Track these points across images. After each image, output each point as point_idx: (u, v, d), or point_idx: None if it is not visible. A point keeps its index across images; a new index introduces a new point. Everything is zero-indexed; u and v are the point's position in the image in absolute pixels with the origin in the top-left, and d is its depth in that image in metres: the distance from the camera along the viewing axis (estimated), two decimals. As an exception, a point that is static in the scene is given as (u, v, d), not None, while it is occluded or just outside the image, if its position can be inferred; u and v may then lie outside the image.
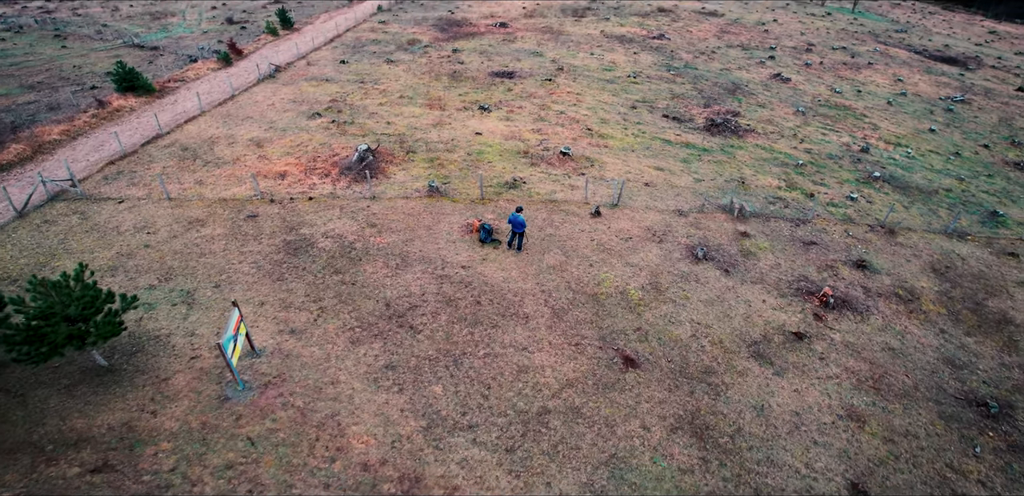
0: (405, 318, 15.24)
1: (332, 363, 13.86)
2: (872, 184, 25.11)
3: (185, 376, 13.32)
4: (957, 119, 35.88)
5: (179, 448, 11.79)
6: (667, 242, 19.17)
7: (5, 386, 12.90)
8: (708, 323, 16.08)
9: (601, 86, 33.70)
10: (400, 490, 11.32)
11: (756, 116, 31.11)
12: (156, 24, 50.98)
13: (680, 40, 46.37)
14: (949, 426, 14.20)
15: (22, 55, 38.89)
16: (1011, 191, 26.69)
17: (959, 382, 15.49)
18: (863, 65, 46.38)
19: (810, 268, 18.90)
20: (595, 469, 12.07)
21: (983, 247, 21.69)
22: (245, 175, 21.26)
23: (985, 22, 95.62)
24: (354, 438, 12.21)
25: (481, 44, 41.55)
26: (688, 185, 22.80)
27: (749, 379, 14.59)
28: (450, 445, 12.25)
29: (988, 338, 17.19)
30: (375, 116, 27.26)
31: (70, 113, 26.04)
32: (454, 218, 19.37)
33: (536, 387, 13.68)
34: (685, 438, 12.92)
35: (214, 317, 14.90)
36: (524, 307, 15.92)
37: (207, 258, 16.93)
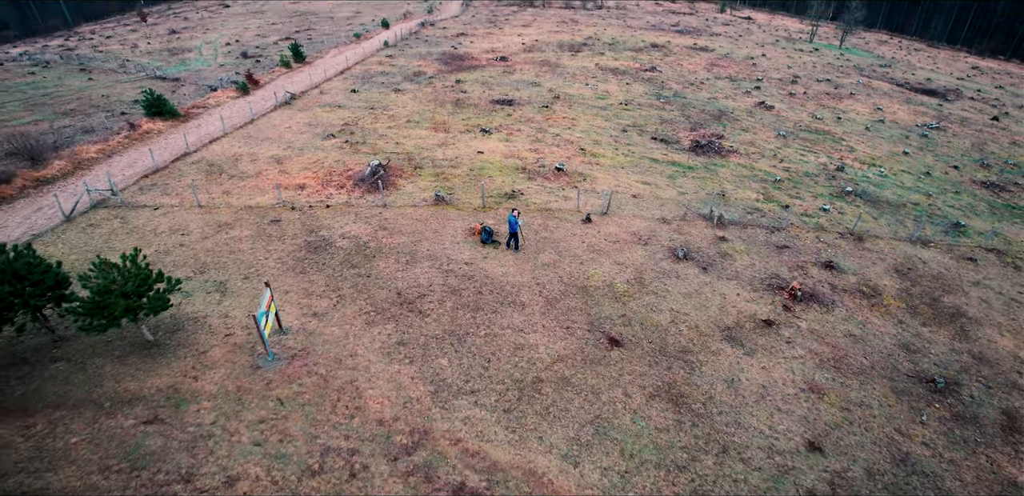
0: (414, 304, 17.37)
1: (350, 340, 15.91)
2: (844, 198, 27.52)
3: (221, 349, 15.38)
4: (931, 144, 38.62)
5: (218, 406, 13.76)
6: (651, 245, 21.42)
7: (67, 356, 14.95)
8: (686, 312, 18.17)
9: (594, 112, 36.61)
10: (411, 441, 13.25)
11: (739, 139, 33.84)
12: (175, 59, 54.62)
13: (671, 72, 49.74)
14: (900, 399, 16.12)
15: (53, 86, 42.07)
16: (975, 206, 29.08)
17: (912, 364, 17.47)
18: (845, 95, 49.57)
19: (782, 268, 21.08)
20: (582, 427, 14.00)
21: (944, 253, 23.91)
22: (267, 186, 23.73)
23: (969, 58, 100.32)
24: (370, 400, 14.18)
25: (482, 76, 44.81)
26: (672, 197, 25.20)
27: (721, 358, 16.59)
28: (454, 406, 14.21)
29: (942, 328, 19.23)
30: (385, 137, 29.96)
31: (104, 135, 28.75)
32: (458, 223, 21.69)
33: (530, 361, 15.69)
34: (662, 404, 14.87)
35: (244, 303, 17.04)
36: (521, 296, 18.05)
37: (236, 255, 19.17)
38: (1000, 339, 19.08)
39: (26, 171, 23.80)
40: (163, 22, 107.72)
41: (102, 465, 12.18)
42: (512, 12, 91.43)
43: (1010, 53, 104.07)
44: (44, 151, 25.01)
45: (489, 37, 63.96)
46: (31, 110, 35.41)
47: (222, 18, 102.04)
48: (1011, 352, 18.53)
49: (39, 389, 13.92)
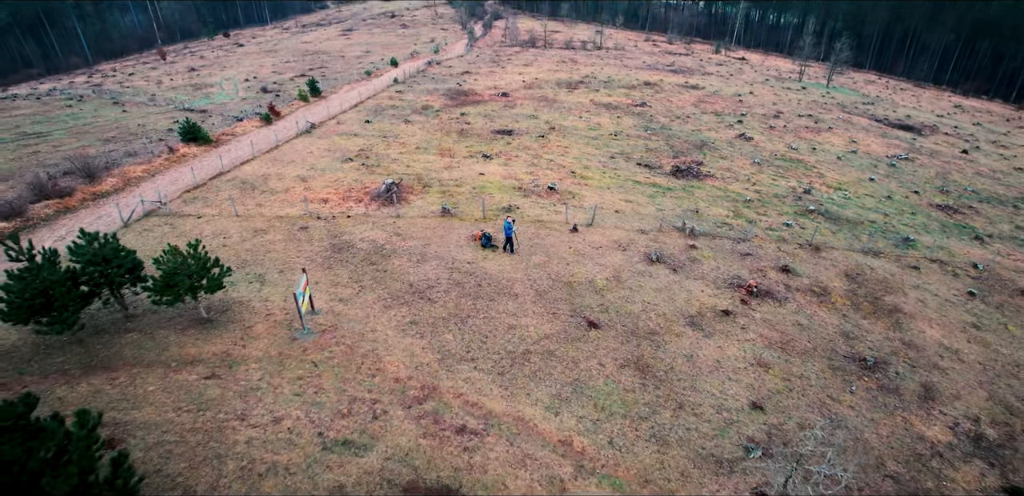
0: (424, 293, 20.79)
1: (371, 320, 19.29)
2: (808, 216, 31.16)
3: (263, 325, 18.76)
4: (897, 172, 42.53)
5: (263, 367, 17.06)
6: (629, 250, 24.95)
7: (138, 328, 18.34)
8: (656, 303, 21.56)
9: (586, 142, 40.72)
10: (422, 394, 16.50)
11: (717, 165, 37.76)
12: (199, 93, 59.50)
13: (660, 107, 54.26)
14: (835, 373, 19.35)
15: (91, 117, 46.51)
16: (928, 225, 32.67)
17: (849, 347, 20.73)
18: (824, 129, 53.88)
19: (743, 271, 24.53)
20: (563, 386, 17.24)
21: (892, 262, 27.37)
22: (295, 200, 27.48)
23: (953, 97, 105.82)
24: (388, 363, 17.48)
25: (485, 109, 49.27)
26: (651, 213, 28.87)
27: (683, 339, 19.90)
28: (457, 370, 17.48)
29: (879, 320, 22.54)
30: (396, 161, 33.92)
31: (147, 157, 32.74)
32: (462, 231, 25.30)
33: (521, 337, 19.02)
34: (630, 371, 18.12)
35: (281, 291, 20.48)
36: (514, 289, 21.49)
37: (271, 254, 22.73)
38: (929, 330, 22.36)
39: (84, 186, 27.62)
40: (181, 60, 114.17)
41: (174, 406, 15.43)
42: (514, 52, 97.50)
43: (992, 93, 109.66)
44: (98, 170, 28.89)
45: (492, 75, 69.08)
46: (76, 137, 39.62)
47: (237, 56, 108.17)
48: (937, 340, 21.79)
49: (118, 352, 17.26)
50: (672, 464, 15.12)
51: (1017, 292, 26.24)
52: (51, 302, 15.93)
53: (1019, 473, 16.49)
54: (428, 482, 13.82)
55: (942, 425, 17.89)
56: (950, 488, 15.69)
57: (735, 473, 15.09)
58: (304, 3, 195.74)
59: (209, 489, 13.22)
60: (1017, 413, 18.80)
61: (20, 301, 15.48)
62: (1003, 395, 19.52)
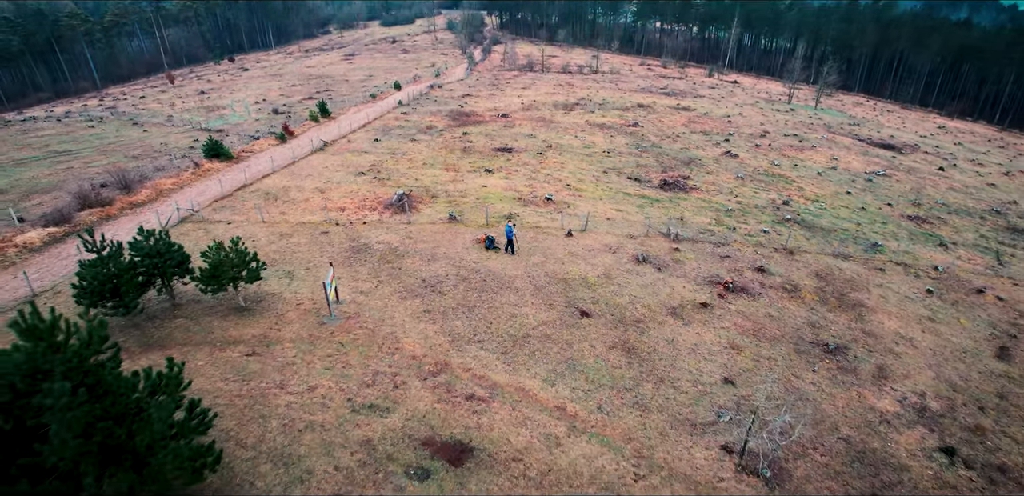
0: (435, 287, 23.57)
1: (388, 309, 22.03)
2: (784, 224, 34.11)
3: (295, 313, 21.49)
4: (873, 186, 45.66)
5: (297, 346, 19.74)
6: (618, 252, 27.81)
7: (185, 315, 21.05)
8: (641, 296, 24.33)
9: (581, 158, 43.90)
10: (435, 368, 19.15)
11: (702, 179, 40.87)
12: (213, 114, 62.95)
13: (652, 127, 57.70)
14: (800, 356, 22.04)
15: (114, 137, 49.73)
16: (897, 233, 35.62)
17: (814, 335, 23.45)
18: (807, 147, 57.23)
19: (722, 270, 27.36)
20: (558, 364, 19.91)
21: (859, 264, 30.23)
22: (315, 209, 30.40)
23: (938, 119, 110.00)
24: (405, 344, 20.17)
25: (486, 129, 52.61)
26: (639, 220, 31.80)
27: (665, 326, 22.62)
28: (466, 349, 20.17)
29: (843, 313, 25.30)
30: (406, 175, 36.96)
31: (175, 172, 35.75)
32: (467, 235, 28.18)
33: (522, 324, 21.74)
34: (618, 352, 20.81)
35: (308, 285, 23.25)
36: (515, 284, 24.27)
37: (297, 254, 25.55)
38: (887, 322, 25.11)
39: (122, 197, 30.52)
40: (188, 84, 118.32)
41: (222, 377, 18.09)
42: (513, 76, 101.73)
43: (977, 115, 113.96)
44: (133, 182, 31.84)
45: (492, 98, 72.79)
46: (104, 155, 42.72)
47: (243, 80, 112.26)
48: (894, 330, 24.53)
49: (170, 334, 19.96)
50: (652, 426, 17.74)
51: (972, 291, 29.04)
52: (117, 288, 18.69)
53: (955, 437, 19.11)
54: (443, 437, 16.43)
55: (891, 399, 20.54)
56: (893, 448, 18.30)
57: (707, 434, 17.71)
58: (307, 29, 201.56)
59: (257, 441, 15.82)
60: (960, 390, 21.47)
61: (92, 286, 18.24)
62: (949, 375, 22.21)
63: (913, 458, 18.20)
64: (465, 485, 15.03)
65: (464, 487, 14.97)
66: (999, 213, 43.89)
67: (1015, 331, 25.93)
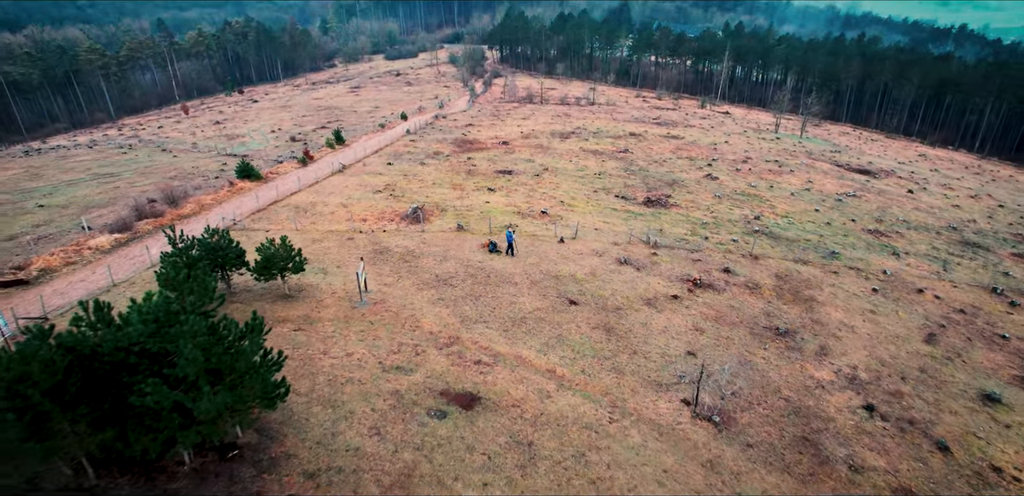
0: (447, 281, 28.22)
1: (408, 297, 26.64)
2: (753, 235, 38.90)
3: (331, 299, 26.10)
4: (842, 205, 50.62)
5: (334, 324, 24.28)
6: (604, 256, 32.54)
7: (239, 301, 25.66)
8: (622, 290, 28.95)
9: (574, 179, 49.00)
10: (449, 341, 23.67)
11: (683, 198, 45.88)
12: (233, 142, 68.47)
13: (641, 153, 63.08)
14: (754, 337, 26.54)
15: (147, 161, 55.00)
16: (855, 244, 40.38)
17: (768, 321, 27.98)
18: (786, 172, 62.44)
19: (693, 271, 32.03)
20: (549, 339, 24.41)
21: (817, 268, 34.90)
22: (340, 219, 35.25)
23: (920, 147, 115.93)
24: (424, 323, 24.72)
25: (488, 155, 57.94)
26: (623, 231, 36.62)
27: (641, 313, 27.19)
28: (473, 327, 24.71)
29: (796, 306, 29.87)
30: (417, 193, 41.96)
31: (212, 190, 40.74)
32: (473, 241, 32.94)
33: (519, 309, 26.31)
34: (599, 331, 25.33)
35: (339, 279, 27.89)
36: (514, 279, 28.93)
37: (328, 255, 30.28)
38: (834, 313, 29.66)
39: (170, 210, 35.40)
40: (202, 115, 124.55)
41: (275, 346, 22.59)
42: (513, 107, 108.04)
43: (957, 143, 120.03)
44: (178, 198, 36.78)
45: (493, 127, 78.54)
46: (144, 176, 47.83)
47: (254, 111, 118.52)
48: (838, 320, 29.06)
49: (230, 314, 24.51)
50: (625, 385, 22.20)
51: (914, 291, 33.64)
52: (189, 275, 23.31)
53: (877, 399, 23.51)
54: (456, 390, 20.89)
55: (828, 370, 24.99)
56: (824, 405, 22.70)
57: (670, 391, 22.16)
58: (313, 62, 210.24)
59: (308, 391, 20.27)
60: (887, 365, 25.92)
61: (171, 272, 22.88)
62: (880, 354, 26.69)
63: (839, 413, 22.60)
64: (474, 423, 19.44)
65: (474, 424, 19.38)
66: (955, 229, 48.71)
67: (945, 323, 30.45)
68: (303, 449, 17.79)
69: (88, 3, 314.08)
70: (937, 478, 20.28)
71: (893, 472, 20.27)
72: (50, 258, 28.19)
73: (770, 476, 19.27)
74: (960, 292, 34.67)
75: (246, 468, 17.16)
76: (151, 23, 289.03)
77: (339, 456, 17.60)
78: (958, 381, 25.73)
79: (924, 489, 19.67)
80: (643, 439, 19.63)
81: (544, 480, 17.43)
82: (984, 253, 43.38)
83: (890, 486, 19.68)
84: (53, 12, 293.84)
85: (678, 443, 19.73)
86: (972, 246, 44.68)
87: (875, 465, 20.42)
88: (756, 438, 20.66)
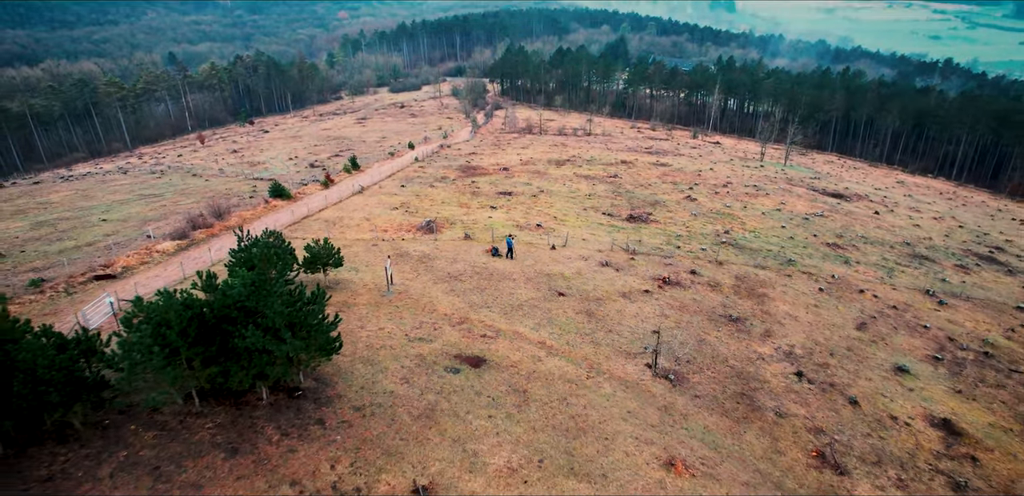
0: (457, 278, 34.49)
1: (426, 288, 32.87)
2: (720, 245, 45.29)
3: (363, 290, 32.32)
4: (808, 223, 57.11)
5: (367, 308, 30.46)
6: (589, 260, 38.87)
7: (290, 289, 31.92)
8: (603, 286, 35.19)
9: (566, 200, 55.65)
10: (460, 320, 29.84)
11: (663, 215, 52.43)
12: (256, 168, 75.47)
13: (629, 178, 69.97)
14: (710, 322, 32.68)
15: (182, 185, 61.78)
16: (812, 254, 46.71)
17: (724, 311, 34.14)
18: (761, 195, 69.14)
19: (664, 272, 38.29)
20: (540, 320, 30.57)
21: (773, 272, 41.17)
22: (365, 230, 41.67)
23: (901, 175, 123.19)
24: (439, 307, 30.91)
25: (490, 179, 64.77)
26: (607, 241, 43.02)
27: (617, 303, 33.38)
28: (479, 311, 30.88)
29: (750, 300, 36.04)
30: (429, 210, 48.53)
31: (250, 207, 47.27)
32: (478, 247, 39.31)
33: (517, 298, 32.51)
34: (582, 315, 31.49)
35: (369, 275, 34.14)
36: (512, 276, 35.19)
37: (358, 257, 36.60)
38: (782, 306, 35.81)
39: (218, 222, 41.87)
40: (216, 144, 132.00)
41: (323, 322, 28.71)
42: (513, 138, 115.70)
43: (936, 171, 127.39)
44: (223, 213, 43.30)
45: (495, 155, 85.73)
46: (184, 196, 54.49)
47: (267, 141, 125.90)
48: (785, 311, 35.20)
49: (283, 299, 30.71)
50: (601, 353, 28.25)
51: (856, 291, 39.81)
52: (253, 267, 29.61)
53: (807, 368, 29.50)
54: (467, 354, 26.93)
55: (770, 347, 31.05)
56: (762, 371, 28.71)
57: (636, 358, 28.19)
58: (320, 94, 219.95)
59: (351, 354, 26.29)
60: (820, 344, 31.96)
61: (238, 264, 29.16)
62: (815, 337, 32.76)
63: (774, 377, 28.63)
64: (481, 376, 25.46)
65: (481, 377, 25.40)
66: (909, 244, 55.08)
67: (877, 315, 36.58)
68: (350, 392, 23.78)
69: (102, 38, 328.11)
70: (844, 422, 26.24)
71: (811, 418, 26.24)
72: (128, 259, 34.48)
73: (711, 417, 25.26)
74: (897, 293, 40.85)
75: (309, 403, 23.14)
76: (163, 57, 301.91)
77: (379, 396, 23.58)
78: (878, 357, 31.76)
79: (832, 429, 25.62)
80: (613, 390, 25.62)
81: (535, 415, 23.40)
82: (930, 264, 49.65)
83: (806, 427, 25.62)
84: (68, 46, 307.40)
85: (640, 393, 25.72)
86: (920, 258, 50.97)
87: (797, 413, 26.40)
88: (703, 392, 26.67)
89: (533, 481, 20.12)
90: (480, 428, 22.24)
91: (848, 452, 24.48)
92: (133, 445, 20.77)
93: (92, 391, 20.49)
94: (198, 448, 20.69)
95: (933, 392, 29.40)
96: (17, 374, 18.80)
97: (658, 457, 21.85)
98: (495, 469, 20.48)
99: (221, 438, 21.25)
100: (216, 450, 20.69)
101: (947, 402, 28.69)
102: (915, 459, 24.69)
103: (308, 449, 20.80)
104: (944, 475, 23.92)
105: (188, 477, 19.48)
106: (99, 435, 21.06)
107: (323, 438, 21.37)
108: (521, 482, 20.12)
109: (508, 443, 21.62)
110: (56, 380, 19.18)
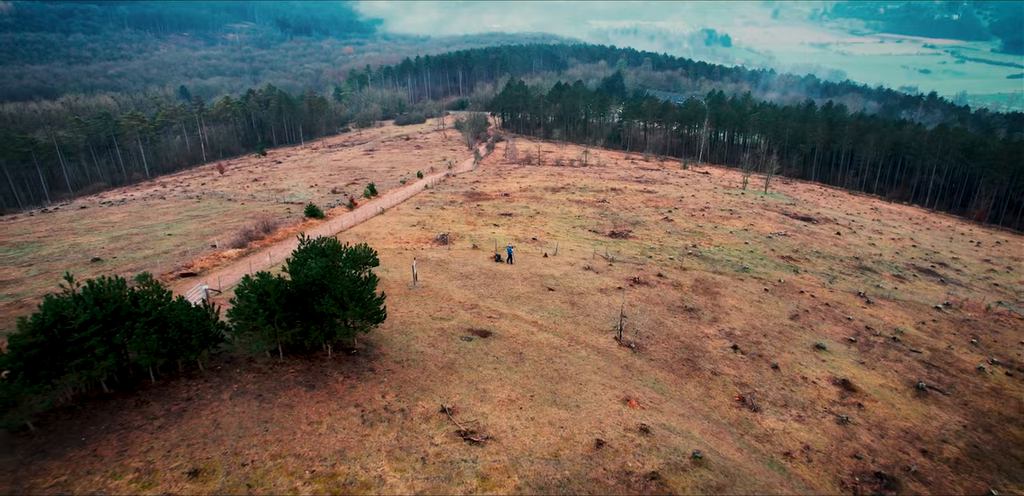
0: (468, 277, 43.60)
1: (445, 285, 41.96)
2: (687, 256, 54.48)
3: (393, 285, 41.40)
4: (770, 241, 66.41)
5: (398, 297, 39.48)
6: (574, 265, 48.04)
7: (336, 284, 41.11)
8: (584, 284, 44.26)
9: (559, 220, 65.10)
10: (471, 306, 38.90)
11: (640, 233, 61.76)
12: (283, 194, 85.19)
13: (616, 203, 79.59)
14: (669, 311, 41.67)
15: (222, 207, 71.28)
16: (766, 264, 55.85)
17: (682, 304, 43.15)
18: (734, 217, 78.60)
19: (636, 274, 47.43)
20: (534, 306, 39.59)
21: (728, 277, 50.26)
22: (390, 242, 50.95)
23: (877, 202, 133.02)
24: (454, 297, 39.97)
25: (493, 203, 74.39)
26: (591, 251, 52.24)
27: (595, 296, 42.41)
28: (487, 301, 39.94)
29: (704, 296, 45.07)
30: (441, 227, 57.87)
31: (291, 224, 56.59)
32: (484, 255, 48.54)
33: (516, 292, 41.59)
34: (567, 304, 40.52)
35: (397, 274, 43.25)
36: (512, 276, 44.32)
37: (388, 261, 45.76)
38: (731, 301, 44.80)
39: (268, 235, 51.12)
40: (234, 174, 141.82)
41: (365, 306, 37.81)
42: (513, 168, 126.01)
43: (911, 199, 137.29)
44: (272, 227, 52.58)
45: (496, 183, 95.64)
46: (229, 217, 63.89)
47: (283, 171, 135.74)
48: (732, 304, 44.17)
49: (332, 290, 39.85)
50: (580, 330, 37.18)
51: (797, 292, 48.83)
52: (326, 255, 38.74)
53: (742, 344, 38.36)
54: (477, 329, 35.85)
55: (716, 329, 39.95)
56: (706, 345, 37.56)
57: (606, 333, 37.11)
58: (329, 127, 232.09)
59: (389, 327, 35.20)
60: (757, 328, 40.81)
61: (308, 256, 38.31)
62: (754, 323, 41.66)
63: (714, 349, 37.46)
64: (488, 343, 34.32)
65: (488, 344, 34.26)
66: (858, 259, 64.22)
67: (809, 310, 45.49)
68: (392, 351, 32.60)
69: (117, 73, 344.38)
70: (764, 380, 34.98)
71: (739, 376, 34.99)
72: (201, 262, 43.61)
73: (661, 373, 34.03)
74: (832, 294, 49.84)
75: (362, 358, 31.93)
76: (175, 90, 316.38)
77: (412, 354, 32.39)
78: (802, 339, 40.60)
79: (754, 384, 34.35)
80: (587, 354, 34.44)
81: (528, 368, 32.18)
82: (870, 274, 58.73)
83: (734, 382, 34.36)
84: (85, 81, 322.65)
85: (608, 356, 34.55)
86: (864, 269, 60.06)
87: (728, 373, 35.15)
88: (657, 357, 35.49)
89: (526, 408, 28.77)
90: (488, 375, 30.94)
91: (763, 398, 33.16)
92: (240, 381, 29.44)
93: (213, 342, 29.40)
94: (286, 384, 29.35)
95: (841, 363, 38.15)
96: (171, 326, 27.77)
97: (618, 396, 30.51)
98: (499, 400, 29.14)
99: (302, 378, 29.92)
100: (299, 386, 29.37)
101: (850, 369, 37.42)
102: (814, 405, 33.36)
103: (364, 386, 29.47)
104: (833, 414, 32.58)
105: (282, 401, 28.12)
106: (215, 375, 29.76)
107: (374, 379, 30.03)
108: (517, 409, 28.78)
109: (508, 385, 30.33)
110: (195, 330, 28.13)
